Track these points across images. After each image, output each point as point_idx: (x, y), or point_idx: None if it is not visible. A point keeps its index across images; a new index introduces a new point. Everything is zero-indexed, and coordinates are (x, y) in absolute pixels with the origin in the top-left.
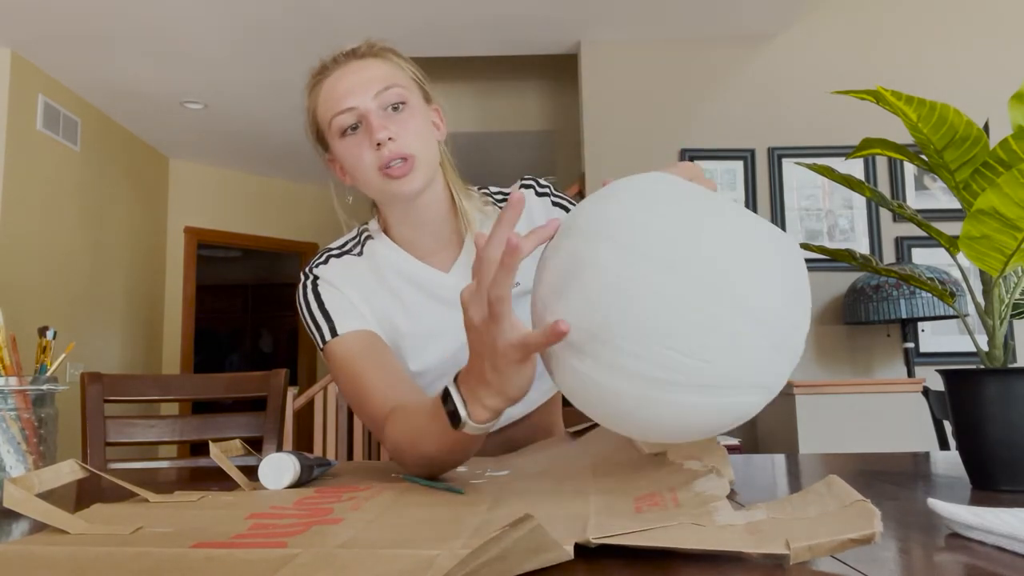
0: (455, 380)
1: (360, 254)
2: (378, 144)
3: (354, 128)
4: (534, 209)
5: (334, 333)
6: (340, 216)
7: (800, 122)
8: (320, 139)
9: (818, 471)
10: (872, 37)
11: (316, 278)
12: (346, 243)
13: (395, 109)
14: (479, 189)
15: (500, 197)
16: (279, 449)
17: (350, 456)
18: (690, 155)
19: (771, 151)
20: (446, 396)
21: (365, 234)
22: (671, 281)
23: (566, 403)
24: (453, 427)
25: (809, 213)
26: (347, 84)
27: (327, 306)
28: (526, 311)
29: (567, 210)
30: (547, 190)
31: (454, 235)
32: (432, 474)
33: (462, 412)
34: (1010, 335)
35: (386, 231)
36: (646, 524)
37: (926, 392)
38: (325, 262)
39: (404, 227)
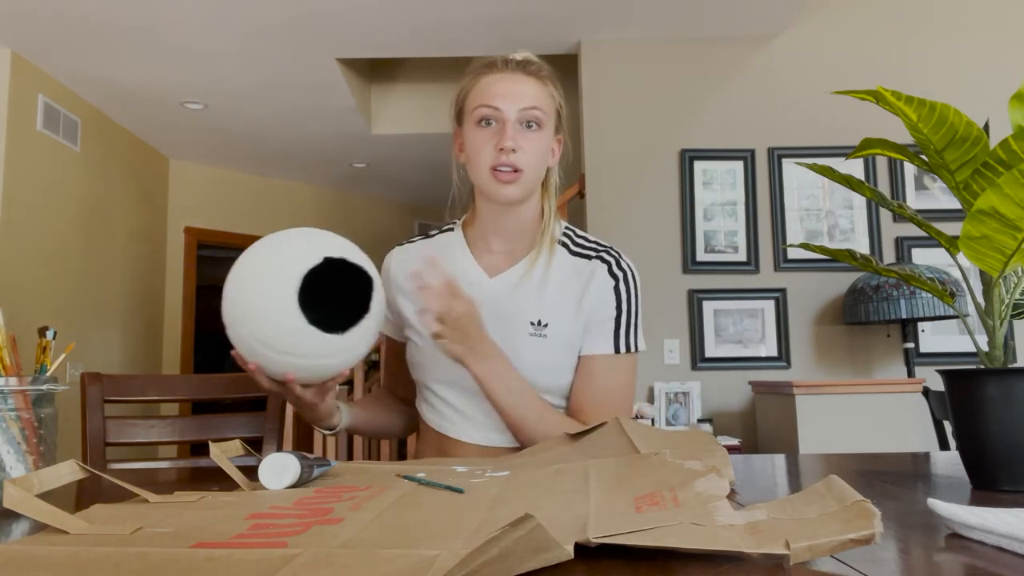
0: None
1: (433, 238)
2: (502, 149)
3: (489, 123)
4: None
5: None
6: (453, 177)
7: (800, 122)
8: (458, 114)
9: (818, 471)
10: (872, 37)
11: (389, 258)
12: (430, 231)
13: (528, 127)
14: (566, 225)
15: (577, 244)
16: (279, 449)
17: (350, 456)
18: (690, 155)
19: (771, 151)
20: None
21: (447, 226)
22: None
23: None
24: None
25: (809, 213)
26: (503, 88)
27: None
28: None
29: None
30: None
31: (520, 250)
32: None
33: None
34: (1010, 335)
35: (467, 224)
36: (646, 524)
37: (926, 392)
38: (402, 245)
39: (486, 224)
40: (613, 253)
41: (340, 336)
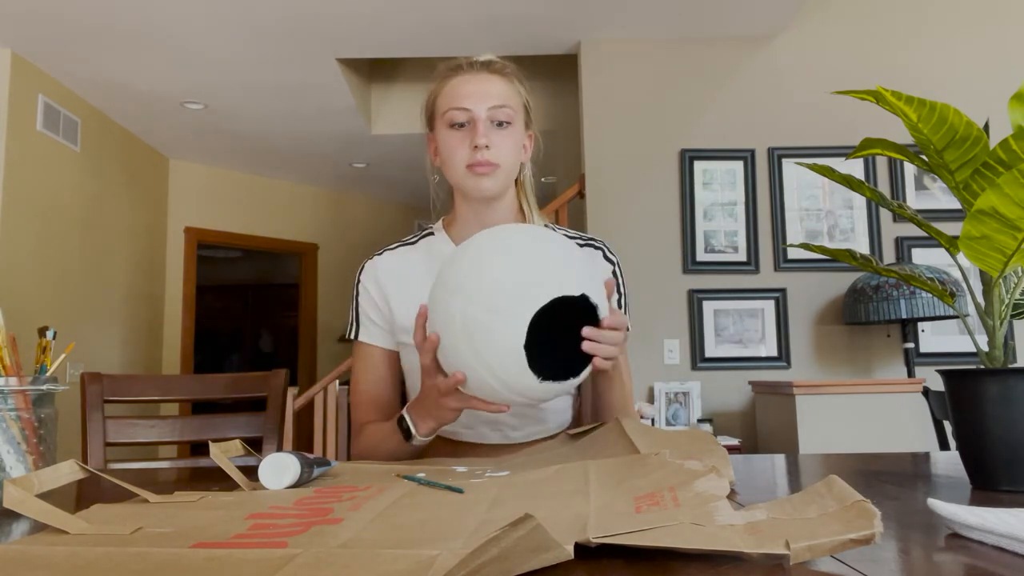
0: (406, 408)
1: (414, 244)
2: (475, 147)
3: (461, 125)
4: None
5: (356, 336)
6: (429, 180)
7: (800, 122)
8: (429, 119)
9: (818, 471)
10: (872, 37)
11: (362, 271)
12: (406, 238)
13: (499, 125)
14: (545, 222)
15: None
16: (279, 449)
17: (350, 456)
18: (690, 155)
19: (771, 151)
20: (401, 420)
21: (427, 231)
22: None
23: None
24: (406, 440)
25: (809, 213)
26: (471, 88)
27: (359, 308)
28: None
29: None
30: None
31: None
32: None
33: (413, 430)
34: (1010, 335)
35: (449, 225)
36: (646, 524)
37: (926, 392)
38: (380, 254)
39: (467, 226)
40: (599, 241)
41: (570, 382)
